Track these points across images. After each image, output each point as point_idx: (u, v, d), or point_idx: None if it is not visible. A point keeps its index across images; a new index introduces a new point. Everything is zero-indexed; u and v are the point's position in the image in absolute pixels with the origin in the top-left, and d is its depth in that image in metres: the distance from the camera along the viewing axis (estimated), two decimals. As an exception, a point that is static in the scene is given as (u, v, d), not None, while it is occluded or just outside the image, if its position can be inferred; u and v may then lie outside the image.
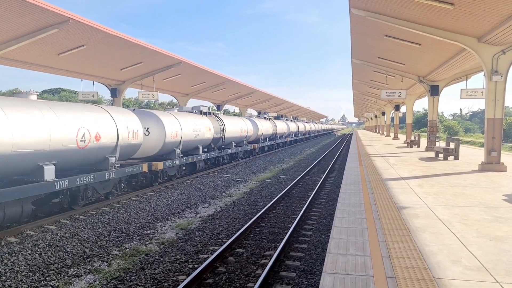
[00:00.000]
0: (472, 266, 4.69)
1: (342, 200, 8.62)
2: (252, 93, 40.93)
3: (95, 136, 11.62)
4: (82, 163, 11.83)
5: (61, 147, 10.31)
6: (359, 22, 15.20)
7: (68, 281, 7.02)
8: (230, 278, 7.09)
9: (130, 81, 25.71)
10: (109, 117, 12.58)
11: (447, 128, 71.07)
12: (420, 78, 23.18)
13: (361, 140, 42.08)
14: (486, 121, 14.13)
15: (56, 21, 14.26)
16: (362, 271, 4.54)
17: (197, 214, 12.20)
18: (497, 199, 8.84)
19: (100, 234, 9.76)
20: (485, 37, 13.11)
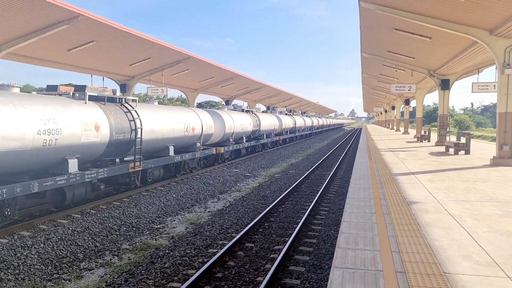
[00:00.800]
0: (483, 261, 4.65)
1: (351, 195, 8.59)
2: (261, 88, 40.86)
3: (192, 128, 17.41)
4: (184, 146, 17.69)
5: (176, 135, 16.03)
6: (368, 15, 15.05)
7: (80, 274, 7.12)
8: (240, 272, 7.14)
9: (139, 76, 25.82)
10: (197, 116, 18.26)
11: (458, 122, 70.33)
12: (430, 72, 22.94)
13: (371, 134, 41.84)
14: (498, 115, 13.95)
15: (66, 17, 14.36)
16: (372, 265, 4.53)
17: (207, 209, 12.26)
18: (508, 194, 8.74)
19: (111, 228, 9.87)
20: (497, 29, 12.92)
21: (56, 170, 10.48)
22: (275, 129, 33.91)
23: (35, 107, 9.42)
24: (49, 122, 9.59)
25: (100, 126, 11.49)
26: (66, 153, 10.37)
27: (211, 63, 25.73)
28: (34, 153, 9.23)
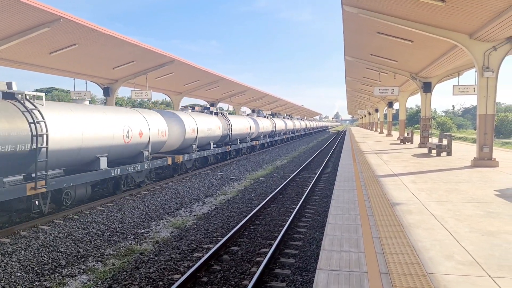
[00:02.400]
0: (465, 261, 4.73)
1: (336, 197, 8.65)
2: (246, 91, 40.89)
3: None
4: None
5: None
6: (352, 19, 15.23)
7: (62, 281, 6.99)
8: (225, 276, 7.10)
9: (122, 80, 25.57)
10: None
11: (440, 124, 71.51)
12: (412, 75, 23.30)
13: (355, 137, 42.24)
14: (478, 117, 14.23)
15: (47, 20, 14.14)
16: (356, 267, 4.57)
17: (192, 213, 12.19)
18: (489, 194, 8.92)
19: (94, 233, 9.72)
20: (476, 33, 13.20)
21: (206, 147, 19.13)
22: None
23: (202, 118, 19.29)
24: (208, 125, 18.97)
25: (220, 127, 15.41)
26: (212, 140, 16.48)
27: (195, 66, 25.65)
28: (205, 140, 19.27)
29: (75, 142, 11.03)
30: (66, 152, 10.77)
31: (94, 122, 11.88)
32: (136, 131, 14.06)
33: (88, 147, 11.60)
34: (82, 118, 11.48)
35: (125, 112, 14.20)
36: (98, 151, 12.17)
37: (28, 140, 9.38)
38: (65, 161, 11.05)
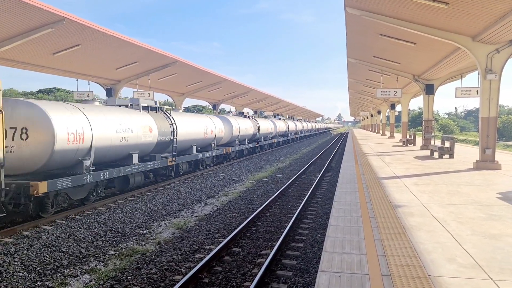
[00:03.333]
0: (467, 264, 4.72)
1: (338, 199, 8.65)
2: (248, 92, 40.92)
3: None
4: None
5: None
6: (355, 21, 15.23)
7: (64, 281, 7.01)
8: (227, 277, 7.11)
9: (125, 80, 25.63)
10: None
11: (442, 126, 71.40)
12: (415, 77, 23.28)
13: (357, 139, 42.20)
14: (481, 120, 14.21)
15: (51, 21, 14.20)
16: (358, 269, 4.57)
17: (194, 214, 12.20)
18: (491, 197, 8.90)
19: (96, 234, 9.74)
20: (479, 36, 13.19)
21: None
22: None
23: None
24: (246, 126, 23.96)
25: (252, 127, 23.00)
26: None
27: (198, 67, 25.69)
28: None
29: (185, 136, 17.87)
30: (180, 143, 17.49)
31: (192, 124, 18.95)
32: (209, 130, 20.98)
33: (188, 140, 18.47)
34: (187, 121, 18.50)
35: (203, 117, 21.53)
36: (192, 142, 19.11)
37: (170, 134, 16.38)
38: (180, 148, 17.78)
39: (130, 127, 13.68)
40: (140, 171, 14.51)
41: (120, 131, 13.05)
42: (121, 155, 13.71)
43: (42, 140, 10.00)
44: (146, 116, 15.18)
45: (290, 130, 49.94)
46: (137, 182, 14.54)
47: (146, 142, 14.76)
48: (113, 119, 12.91)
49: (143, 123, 14.57)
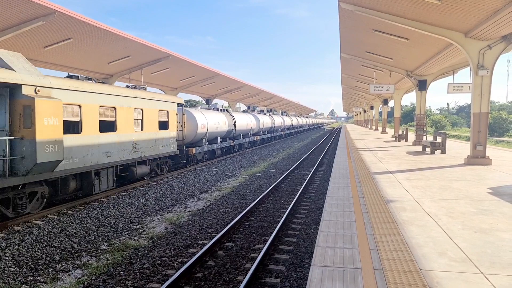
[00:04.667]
0: (457, 258, 4.77)
1: (331, 194, 8.68)
2: (242, 87, 40.81)
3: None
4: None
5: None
6: (348, 16, 15.22)
7: (56, 276, 6.98)
8: (220, 272, 7.12)
9: (118, 74, 25.42)
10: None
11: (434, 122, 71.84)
12: (408, 73, 23.36)
13: (350, 134, 42.34)
14: (472, 116, 14.31)
15: (42, 13, 14.02)
16: (350, 263, 4.59)
17: (187, 209, 12.19)
18: (482, 192, 8.99)
19: (89, 229, 9.70)
20: (471, 32, 13.25)
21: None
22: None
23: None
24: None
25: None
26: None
27: (191, 61, 25.55)
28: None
29: (239, 127, 28.78)
30: (236, 131, 27.90)
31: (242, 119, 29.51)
32: (250, 123, 32.20)
33: (240, 130, 29.24)
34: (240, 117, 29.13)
35: (247, 114, 32.20)
36: (241, 131, 29.81)
37: (232, 126, 26.91)
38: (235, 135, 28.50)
39: (217, 121, 24.39)
40: (220, 147, 25.54)
41: (215, 123, 23.84)
42: (213, 137, 24.53)
43: (192, 127, 20.70)
44: (222, 114, 26.25)
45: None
46: (217, 154, 25.29)
47: (223, 130, 25.74)
48: (212, 117, 23.69)
49: (221, 119, 25.46)
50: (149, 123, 15.54)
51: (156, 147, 16.10)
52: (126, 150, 13.93)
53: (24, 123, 9.47)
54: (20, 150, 9.51)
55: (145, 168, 15.35)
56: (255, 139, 35.24)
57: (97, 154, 12.25)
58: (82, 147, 11.57)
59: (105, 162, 12.66)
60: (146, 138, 15.31)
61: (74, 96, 11.26)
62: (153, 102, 15.92)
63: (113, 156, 13.13)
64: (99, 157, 12.36)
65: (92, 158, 12.00)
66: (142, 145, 15.02)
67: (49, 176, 10.33)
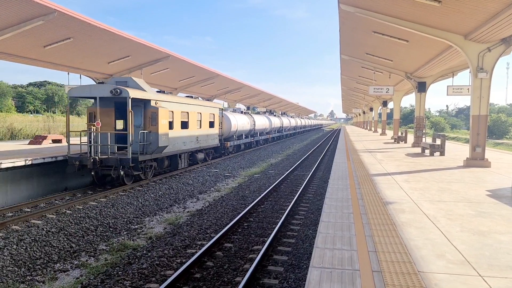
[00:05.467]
0: (456, 260, 4.78)
1: (329, 195, 8.69)
2: (241, 88, 40.80)
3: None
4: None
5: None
6: (348, 18, 15.24)
7: (54, 276, 6.97)
8: (218, 272, 7.12)
9: (117, 74, 25.41)
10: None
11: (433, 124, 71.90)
12: (407, 75, 23.38)
13: (349, 135, 42.36)
14: (471, 118, 14.33)
15: (42, 13, 14.01)
16: (349, 265, 4.60)
17: (186, 209, 12.18)
18: (481, 194, 9.00)
19: (87, 229, 9.69)
20: (471, 34, 13.27)
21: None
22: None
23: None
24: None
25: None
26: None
27: (191, 62, 25.55)
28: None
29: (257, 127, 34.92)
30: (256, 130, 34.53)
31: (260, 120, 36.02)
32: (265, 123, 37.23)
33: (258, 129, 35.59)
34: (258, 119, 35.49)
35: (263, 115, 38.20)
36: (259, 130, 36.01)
37: (252, 125, 33.16)
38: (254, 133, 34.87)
39: (243, 122, 30.17)
40: (244, 142, 31.74)
41: (241, 124, 29.55)
42: (240, 135, 30.31)
43: (227, 126, 26.29)
44: (245, 116, 32.08)
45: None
46: (242, 148, 31.58)
47: (246, 129, 31.47)
48: (239, 118, 29.46)
49: (245, 120, 31.22)
50: (204, 123, 21.91)
51: (207, 140, 22.54)
52: (193, 141, 20.14)
53: (151, 123, 15.55)
54: (149, 138, 15.52)
55: (201, 155, 21.92)
56: (268, 137, 41.44)
57: (180, 143, 18.37)
58: (174, 138, 17.46)
59: (183, 149, 18.96)
60: (203, 134, 21.66)
61: (170, 105, 17.14)
62: (206, 108, 22.37)
63: (187, 145, 19.39)
64: (180, 145, 18.49)
65: (177, 146, 18.08)
66: (201, 138, 21.35)
67: (159, 155, 16.37)
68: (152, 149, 15.50)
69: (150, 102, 15.51)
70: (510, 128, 51.90)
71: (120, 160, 13.99)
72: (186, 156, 19.59)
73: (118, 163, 14.01)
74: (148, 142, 15.40)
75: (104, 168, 14.22)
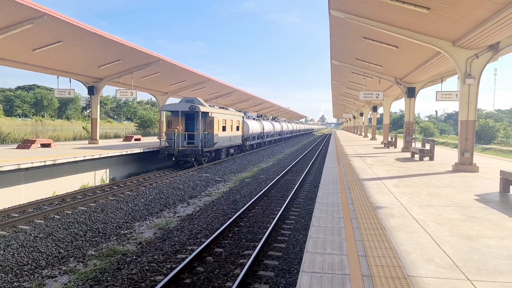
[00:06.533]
0: (445, 264, 4.82)
1: (320, 200, 8.71)
2: (232, 92, 40.85)
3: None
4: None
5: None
6: (338, 24, 15.36)
7: (42, 282, 6.88)
8: (209, 277, 7.09)
9: (108, 78, 25.28)
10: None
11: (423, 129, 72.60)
12: (397, 80, 23.61)
13: (340, 140, 42.57)
14: (460, 123, 14.49)
15: (31, 16, 13.91)
16: (339, 270, 4.61)
17: (176, 214, 12.12)
18: (469, 199, 9.10)
19: (76, 234, 9.59)
20: (459, 41, 13.46)
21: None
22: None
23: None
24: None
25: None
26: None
27: (182, 66, 25.53)
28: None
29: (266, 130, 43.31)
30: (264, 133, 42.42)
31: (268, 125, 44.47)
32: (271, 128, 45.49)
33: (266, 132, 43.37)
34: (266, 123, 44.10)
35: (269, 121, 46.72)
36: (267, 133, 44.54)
37: (262, 129, 40.64)
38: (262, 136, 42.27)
39: (256, 126, 37.34)
40: (256, 142, 39.09)
41: (255, 127, 36.83)
42: (253, 137, 36.84)
43: (246, 129, 33.89)
44: (256, 121, 38.80)
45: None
46: (254, 147, 38.91)
47: (258, 132, 38.35)
48: (253, 123, 36.63)
49: (257, 124, 38.07)
50: (234, 127, 29.61)
51: (235, 139, 30.15)
52: (228, 140, 27.77)
53: (209, 127, 23.31)
54: (207, 137, 23.11)
55: (232, 150, 29.91)
56: (272, 139, 50.11)
57: (222, 141, 25.97)
58: (220, 137, 25.19)
59: (223, 145, 26.58)
60: (233, 135, 29.26)
61: (217, 115, 24.69)
62: (235, 116, 30.17)
63: (225, 143, 27.12)
64: (222, 143, 26.02)
65: (221, 143, 25.78)
66: (232, 138, 29.03)
67: (212, 149, 24.01)
68: (209, 144, 23.25)
69: (208, 113, 23.36)
70: (498, 134, 52.57)
71: (193, 151, 21.80)
72: (224, 150, 27.49)
73: (192, 153, 21.76)
74: (207, 139, 23.07)
75: (182, 156, 21.78)
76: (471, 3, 10.62)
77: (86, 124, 43.50)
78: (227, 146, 27.65)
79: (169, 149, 21.51)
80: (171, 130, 22.67)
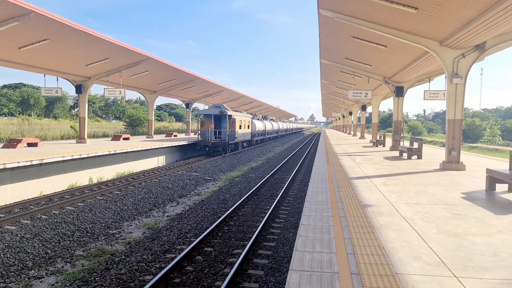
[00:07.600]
0: (432, 262, 4.87)
1: (309, 199, 8.74)
2: (222, 91, 40.78)
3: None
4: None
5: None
6: (327, 23, 15.42)
7: (29, 283, 6.79)
8: (198, 277, 7.07)
9: (96, 77, 25.04)
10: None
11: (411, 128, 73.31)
12: (385, 79, 23.79)
13: (329, 139, 42.76)
14: (447, 122, 14.66)
15: (17, 14, 13.70)
16: (328, 268, 4.63)
17: (165, 213, 12.06)
18: (456, 197, 9.21)
19: (64, 234, 9.48)
20: (446, 41, 13.61)
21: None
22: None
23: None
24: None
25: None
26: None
27: (171, 65, 25.39)
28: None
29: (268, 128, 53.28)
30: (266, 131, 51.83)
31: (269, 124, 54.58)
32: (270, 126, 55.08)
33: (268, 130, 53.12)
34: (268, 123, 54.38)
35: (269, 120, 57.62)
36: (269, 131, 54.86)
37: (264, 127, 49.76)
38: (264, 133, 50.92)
39: (260, 125, 46.59)
40: (260, 138, 47.81)
41: (260, 126, 46.25)
42: (258, 134, 45.78)
43: (253, 127, 41.72)
44: (260, 121, 47.80)
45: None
46: (258, 143, 47.38)
47: (261, 130, 47.34)
48: (258, 122, 45.88)
49: (261, 124, 47.78)
50: (246, 126, 37.25)
51: (246, 135, 37.26)
52: (242, 136, 35.17)
53: (231, 126, 31.81)
54: (230, 133, 31.57)
55: (245, 144, 37.29)
56: (271, 136, 56.81)
57: (240, 136, 33.90)
58: (238, 133, 33.34)
59: (240, 140, 34.39)
60: (245, 132, 36.89)
61: (237, 117, 32.50)
62: (246, 117, 37.78)
63: (241, 138, 34.83)
64: (239, 138, 33.85)
65: (239, 138, 33.69)
66: (245, 135, 36.70)
67: (234, 142, 32.08)
68: (231, 138, 31.32)
69: (231, 116, 31.41)
70: (484, 132, 53.34)
71: (222, 143, 30.12)
72: (240, 144, 35.51)
73: (221, 144, 30.07)
74: (230, 135, 31.20)
75: (213, 147, 29.81)
76: (458, 3, 10.74)
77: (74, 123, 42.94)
78: (242, 140, 35.91)
79: (204, 142, 29.74)
80: (205, 128, 30.46)
